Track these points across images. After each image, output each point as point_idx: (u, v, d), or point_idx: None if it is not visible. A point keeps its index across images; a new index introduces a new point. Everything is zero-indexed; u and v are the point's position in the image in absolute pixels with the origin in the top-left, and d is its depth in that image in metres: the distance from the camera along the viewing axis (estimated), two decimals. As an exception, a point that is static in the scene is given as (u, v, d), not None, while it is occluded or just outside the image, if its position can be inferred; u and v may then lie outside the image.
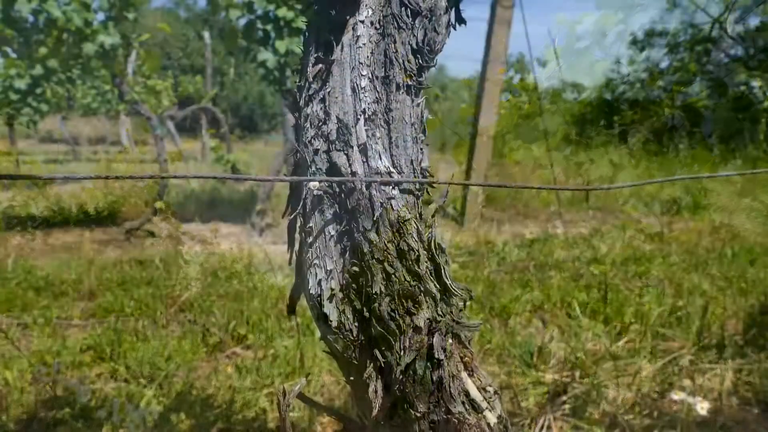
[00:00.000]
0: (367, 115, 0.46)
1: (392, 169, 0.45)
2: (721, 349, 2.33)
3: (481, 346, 2.45)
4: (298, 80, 0.52)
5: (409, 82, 0.48)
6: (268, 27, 4.32)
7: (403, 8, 0.50)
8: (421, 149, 0.49)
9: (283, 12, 4.26)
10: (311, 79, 0.49)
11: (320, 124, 0.47)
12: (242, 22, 4.44)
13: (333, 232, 0.45)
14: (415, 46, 0.49)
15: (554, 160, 7.81)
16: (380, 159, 0.45)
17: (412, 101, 0.48)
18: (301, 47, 0.53)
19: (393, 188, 0.45)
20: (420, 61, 0.50)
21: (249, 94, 16.22)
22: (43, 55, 5.28)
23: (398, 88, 0.47)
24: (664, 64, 12.86)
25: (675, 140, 10.03)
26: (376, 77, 0.47)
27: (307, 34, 0.54)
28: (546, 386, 2.12)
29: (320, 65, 0.48)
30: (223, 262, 3.59)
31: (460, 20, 0.69)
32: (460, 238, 4.48)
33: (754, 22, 11.25)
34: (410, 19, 0.50)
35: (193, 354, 2.36)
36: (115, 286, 3.01)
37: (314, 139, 0.47)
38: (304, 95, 0.49)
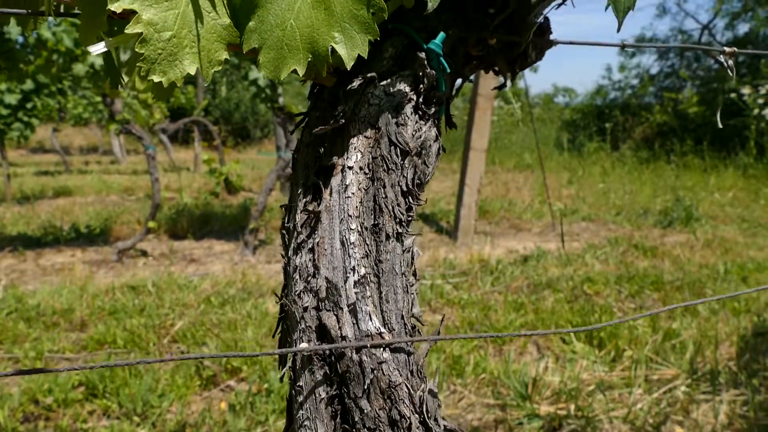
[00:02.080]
0: (357, 276, 0.45)
1: (383, 329, 0.45)
2: (715, 377, 2.34)
3: (476, 375, 2.45)
4: (285, 219, 0.51)
5: (399, 230, 0.47)
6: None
7: (392, 147, 0.49)
8: (412, 295, 0.48)
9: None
10: (300, 228, 0.48)
11: (309, 277, 0.47)
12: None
13: (323, 395, 0.45)
14: (404, 187, 0.49)
15: (546, 167, 7.83)
16: (370, 320, 0.45)
17: (402, 248, 0.48)
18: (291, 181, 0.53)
19: (384, 350, 0.44)
20: (410, 200, 0.49)
21: (241, 102, 16.20)
22: (33, 70, 5.26)
23: (388, 237, 0.47)
24: (654, 70, 12.94)
25: (666, 147, 10.09)
26: (365, 228, 0.47)
27: (295, 170, 0.53)
28: (541, 419, 2.12)
29: (309, 213, 0.48)
30: (217, 285, 3.57)
31: (451, 124, 0.69)
32: (453, 255, 4.48)
33: (743, 29, 11.34)
34: (399, 158, 0.49)
35: (187, 388, 2.35)
36: (106, 315, 2.99)
37: (303, 293, 0.47)
38: (292, 243, 0.49)
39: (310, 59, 0.46)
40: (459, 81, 0.72)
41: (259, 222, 4.91)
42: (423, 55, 0.58)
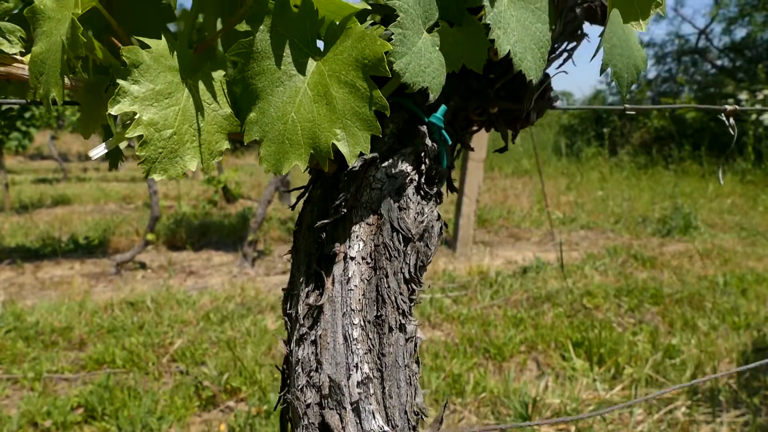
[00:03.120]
0: (360, 374, 0.45)
1: (386, 428, 0.44)
2: (715, 396, 2.33)
3: (476, 394, 2.44)
4: (287, 305, 0.51)
5: (402, 321, 0.47)
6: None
7: (394, 234, 0.49)
8: (414, 385, 0.48)
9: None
10: (302, 320, 0.48)
11: (311, 371, 0.47)
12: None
13: (327, 496, 0.44)
14: (407, 275, 0.49)
15: (544, 173, 7.83)
16: (374, 418, 0.45)
17: (405, 337, 0.48)
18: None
19: (387, 450, 0.44)
20: (412, 286, 0.49)
21: (239, 108, 16.19)
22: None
23: (391, 330, 0.47)
24: (651, 75, 12.97)
25: (664, 152, 10.10)
26: (368, 321, 0.46)
27: (296, 252, 0.53)
28: (542, 441, 2.12)
29: (311, 303, 0.48)
30: (216, 300, 3.57)
31: (452, 189, 0.69)
32: (453, 266, 4.48)
33: (740, 33, 11.37)
34: (402, 245, 0.49)
35: (186, 409, 2.34)
36: (105, 333, 2.98)
37: (306, 388, 0.47)
38: (295, 334, 0.49)
39: (311, 154, 0.46)
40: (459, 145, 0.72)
41: (258, 233, 4.91)
42: (424, 128, 0.58)
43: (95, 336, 2.96)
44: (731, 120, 0.74)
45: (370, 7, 0.47)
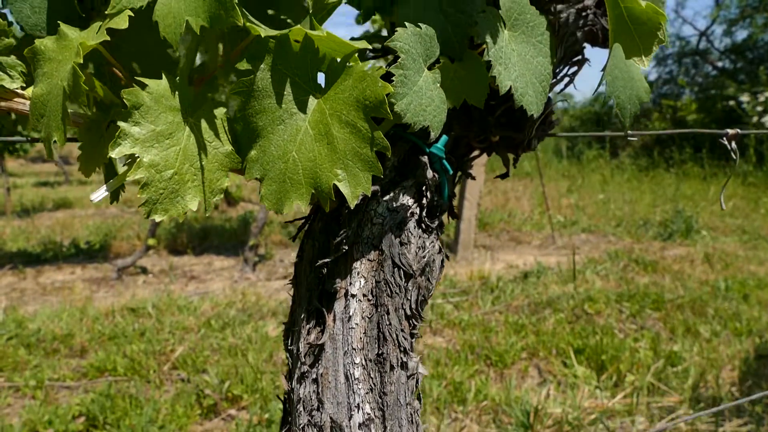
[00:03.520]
0: (361, 415, 0.45)
1: (388, 470, 0.44)
2: (718, 404, 2.33)
3: (478, 402, 2.44)
4: (288, 341, 0.51)
5: (404, 359, 0.47)
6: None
7: (396, 270, 0.49)
8: (416, 423, 0.48)
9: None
10: (303, 358, 0.48)
11: (312, 410, 0.47)
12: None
13: None
14: (408, 311, 0.48)
15: (545, 175, 7.83)
16: (375, 460, 0.45)
17: (407, 374, 0.48)
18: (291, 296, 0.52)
19: (388, 494, 0.44)
20: (413, 322, 0.49)
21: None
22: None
23: (392, 368, 0.47)
24: (652, 77, 12.96)
25: (665, 154, 10.09)
26: (369, 360, 0.46)
27: (297, 287, 0.53)
28: (543, 450, 2.11)
29: (312, 342, 0.48)
30: (217, 306, 3.57)
31: (453, 215, 0.68)
32: (454, 271, 4.48)
33: (741, 35, 11.36)
34: (403, 281, 0.49)
35: (187, 418, 2.34)
36: (106, 340, 2.98)
37: (307, 427, 0.47)
38: (296, 372, 0.49)
39: (312, 193, 0.45)
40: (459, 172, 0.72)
41: (259, 238, 4.91)
42: (425, 159, 0.58)
43: (96, 343, 2.96)
44: (733, 144, 0.74)
45: (370, 47, 0.47)
